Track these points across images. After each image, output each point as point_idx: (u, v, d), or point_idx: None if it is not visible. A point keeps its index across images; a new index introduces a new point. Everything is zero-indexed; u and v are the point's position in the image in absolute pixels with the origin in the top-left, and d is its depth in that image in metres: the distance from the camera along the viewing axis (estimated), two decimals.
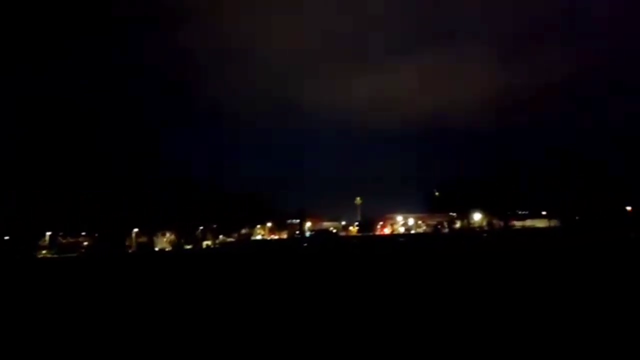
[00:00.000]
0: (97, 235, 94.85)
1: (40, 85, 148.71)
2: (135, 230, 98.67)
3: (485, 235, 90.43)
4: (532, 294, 15.39)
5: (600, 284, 17.13)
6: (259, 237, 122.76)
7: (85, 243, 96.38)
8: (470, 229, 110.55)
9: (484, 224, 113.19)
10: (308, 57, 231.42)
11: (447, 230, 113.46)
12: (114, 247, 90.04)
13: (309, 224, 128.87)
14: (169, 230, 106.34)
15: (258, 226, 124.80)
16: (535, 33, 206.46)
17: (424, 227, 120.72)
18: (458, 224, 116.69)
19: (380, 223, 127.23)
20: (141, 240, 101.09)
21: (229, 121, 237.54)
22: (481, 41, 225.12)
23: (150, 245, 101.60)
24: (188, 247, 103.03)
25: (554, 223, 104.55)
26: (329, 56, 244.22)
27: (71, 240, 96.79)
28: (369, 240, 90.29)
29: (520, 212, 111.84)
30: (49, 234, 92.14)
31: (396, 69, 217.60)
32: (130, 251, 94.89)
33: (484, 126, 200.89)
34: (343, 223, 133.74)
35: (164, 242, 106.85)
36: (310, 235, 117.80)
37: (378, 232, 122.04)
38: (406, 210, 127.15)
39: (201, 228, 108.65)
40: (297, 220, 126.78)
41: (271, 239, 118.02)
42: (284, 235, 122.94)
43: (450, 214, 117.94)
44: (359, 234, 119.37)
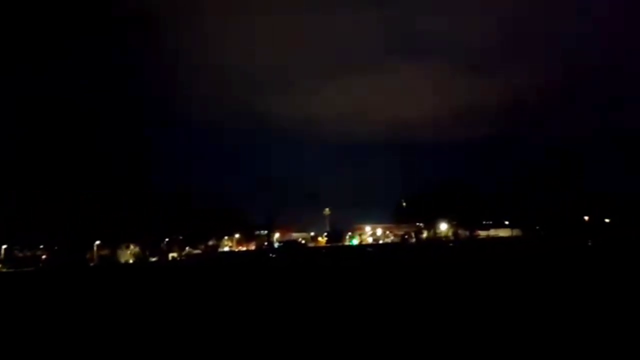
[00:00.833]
0: (55, 248, 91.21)
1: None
2: (97, 242, 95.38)
3: (451, 244, 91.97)
4: (492, 300, 15.66)
5: (559, 289, 17.61)
6: (226, 248, 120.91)
7: (44, 257, 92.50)
8: (436, 239, 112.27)
9: (450, 233, 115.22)
10: (275, 69, 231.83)
11: (414, 240, 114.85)
12: (74, 261, 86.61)
13: (277, 235, 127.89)
14: (133, 242, 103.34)
15: (226, 237, 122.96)
16: (501, 48, 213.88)
17: (392, 237, 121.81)
18: (425, 234, 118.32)
19: (349, 233, 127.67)
20: (103, 253, 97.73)
21: (195, 131, 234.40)
22: (448, 55, 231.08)
23: (113, 258, 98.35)
24: (153, 259, 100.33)
25: (516, 232, 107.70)
26: (296, 68, 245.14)
27: (28, 253, 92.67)
28: (337, 251, 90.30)
29: (484, 222, 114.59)
30: (4, 247, 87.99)
31: (364, 82, 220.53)
32: (91, 264, 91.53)
33: (450, 138, 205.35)
34: (312, 234, 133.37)
35: (127, 254, 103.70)
36: (279, 246, 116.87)
37: (346, 243, 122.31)
38: (374, 221, 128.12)
39: (167, 240, 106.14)
40: (265, 232, 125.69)
41: (239, 251, 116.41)
42: (252, 247, 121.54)
43: (418, 224, 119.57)
44: (328, 245, 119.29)
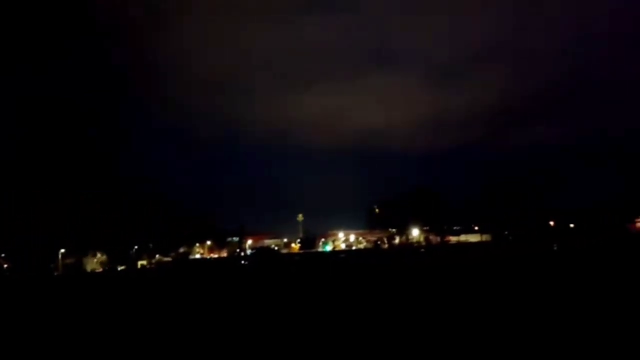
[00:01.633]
0: (18, 256, 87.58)
1: None
2: (62, 250, 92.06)
3: (422, 250, 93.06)
4: (460, 303, 15.85)
5: (526, 293, 17.99)
6: (198, 255, 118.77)
7: (6, 265, 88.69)
8: (408, 245, 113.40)
9: (422, 239, 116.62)
10: (246, 78, 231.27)
11: (386, 246, 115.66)
12: (37, 269, 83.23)
13: (250, 242, 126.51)
14: (100, 250, 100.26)
15: (197, 245, 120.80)
16: (469, 60, 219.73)
17: (365, 243, 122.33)
18: (397, 240, 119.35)
19: (322, 240, 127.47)
20: (68, 261, 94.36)
21: (166, 138, 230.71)
22: (417, 66, 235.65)
23: (79, 266, 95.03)
24: (121, 267, 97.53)
25: (486, 237, 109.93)
26: (268, 77, 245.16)
27: None
28: (310, 257, 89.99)
29: (455, 228, 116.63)
30: None
31: (336, 91, 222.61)
32: (55, 274, 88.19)
33: (421, 146, 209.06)
34: (285, 240, 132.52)
35: (94, 263, 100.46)
36: (251, 253, 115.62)
37: (320, 249, 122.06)
38: (347, 227, 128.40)
39: (136, 247, 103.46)
40: (237, 238, 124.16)
41: (210, 258, 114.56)
42: (224, 254, 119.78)
43: (390, 230, 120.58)
44: (301, 251, 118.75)
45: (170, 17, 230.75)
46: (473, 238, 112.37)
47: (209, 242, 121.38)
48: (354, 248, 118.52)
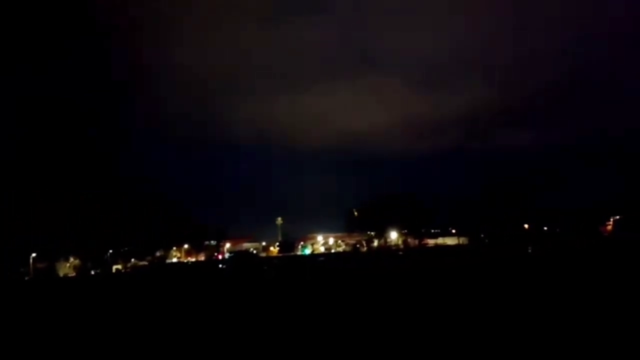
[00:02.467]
0: None
1: None
2: (33, 254, 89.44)
3: (400, 253, 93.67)
4: (437, 306, 15.91)
5: (503, 296, 18.18)
6: (175, 259, 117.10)
7: None
8: (387, 248, 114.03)
9: (400, 242, 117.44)
10: (227, 79, 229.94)
11: (365, 249, 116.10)
12: (6, 274, 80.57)
13: (228, 245, 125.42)
14: (74, 254, 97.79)
15: (174, 248, 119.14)
16: (452, 64, 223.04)
17: (344, 246, 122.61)
18: (376, 243, 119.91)
19: (301, 243, 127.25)
20: (40, 265, 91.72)
21: (144, 138, 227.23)
22: (400, 69, 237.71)
23: (51, 271, 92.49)
24: (95, 272, 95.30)
25: (463, 240, 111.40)
26: (249, 79, 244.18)
27: None
28: (288, 261, 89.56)
29: (432, 231, 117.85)
30: None
31: (316, 94, 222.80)
32: (26, 278, 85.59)
33: (400, 149, 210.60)
34: (263, 244, 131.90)
35: (67, 267, 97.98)
36: (229, 257, 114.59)
37: (299, 252, 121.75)
38: (326, 230, 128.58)
39: (110, 251, 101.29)
40: (215, 242, 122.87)
41: (188, 262, 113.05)
42: (202, 257, 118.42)
43: (369, 233, 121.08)
44: (280, 255, 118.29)
45: (158, 18, 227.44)
46: (450, 241, 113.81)
47: (186, 246, 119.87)
48: (333, 251, 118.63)
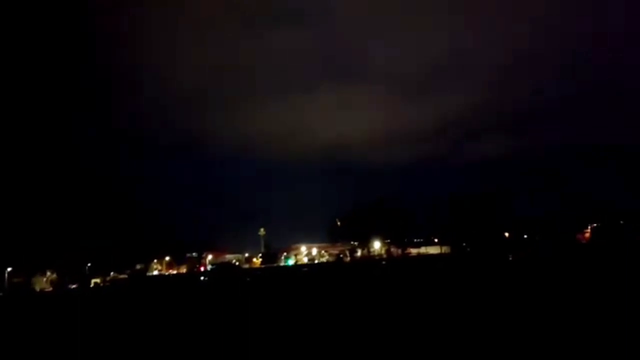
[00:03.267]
0: None
1: None
2: (9, 269, 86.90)
3: (383, 262, 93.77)
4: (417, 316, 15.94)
5: (486, 306, 18.33)
6: (155, 272, 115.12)
7: None
8: (370, 257, 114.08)
9: (383, 251, 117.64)
10: (210, 88, 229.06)
11: (348, 259, 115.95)
12: None
13: (210, 257, 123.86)
14: (51, 268, 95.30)
15: (155, 261, 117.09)
16: (435, 75, 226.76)
17: (327, 257, 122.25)
18: (359, 253, 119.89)
19: (284, 254, 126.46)
20: (16, 280, 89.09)
21: (128, 150, 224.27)
22: (384, 80, 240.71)
23: (28, 286, 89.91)
24: (73, 286, 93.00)
25: (445, 249, 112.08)
26: (232, 89, 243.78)
27: None
28: (271, 273, 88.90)
29: (415, 240, 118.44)
30: None
31: (300, 104, 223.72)
32: (0, 294, 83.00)
33: (383, 159, 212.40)
34: (246, 255, 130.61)
35: (43, 282, 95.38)
36: (211, 269, 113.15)
37: (282, 263, 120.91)
38: (310, 241, 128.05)
39: (89, 265, 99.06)
40: (196, 254, 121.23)
41: (169, 275, 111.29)
42: (184, 270, 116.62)
43: (352, 242, 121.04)
44: (263, 266, 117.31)
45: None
46: (433, 250, 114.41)
47: (167, 258, 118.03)
48: (316, 262, 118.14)
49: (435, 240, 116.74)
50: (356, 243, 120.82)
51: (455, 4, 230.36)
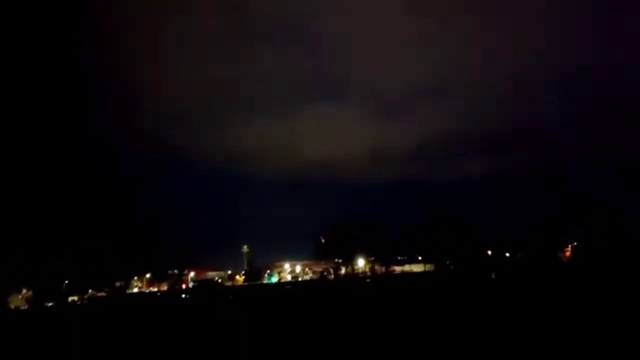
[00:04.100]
0: None
1: None
2: None
3: (367, 280, 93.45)
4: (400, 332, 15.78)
5: (470, 323, 18.26)
6: (135, 289, 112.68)
7: None
8: (354, 275, 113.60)
9: (367, 269, 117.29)
10: (194, 106, 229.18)
11: (332, 276, 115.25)
12: None
13: (192, 274, 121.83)
14: (26, 285, 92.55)
15: (135, 278, 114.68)
16: (416, 94, 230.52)
17: (311, 274, 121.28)
18: (343, 271, 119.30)
19: (268, 271, 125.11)
20: None
21: (111, 164, 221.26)
22: (366, 99, 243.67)
23: (2, 303, 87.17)
24: (49, 304, 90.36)
25: (429, 267, 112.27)
26: (216, 107, 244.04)
27: None
28: (254, 290, 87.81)
29: (399, 258, 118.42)
30: None
31: (283, 122, 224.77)
32: None
33: (367, 177, 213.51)
34: (229, 272, 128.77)
35: (19, 300, 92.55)
36: (193, 287, 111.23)
37: (265, 281, 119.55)
38: (293, 258, 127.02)
39: (66, 282, 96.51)
40: (177, 271, 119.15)
41: (149, 292, 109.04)
42: (165, 288, 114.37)
43: (336, 260, 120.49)
44: (246, 284, 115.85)
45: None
46: (417, 268, 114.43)
47: (148, 275, 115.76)
48: (300, 279, 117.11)
49: (419, 258, 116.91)
50: (340, 261, 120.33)
51: (440, 24, 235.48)
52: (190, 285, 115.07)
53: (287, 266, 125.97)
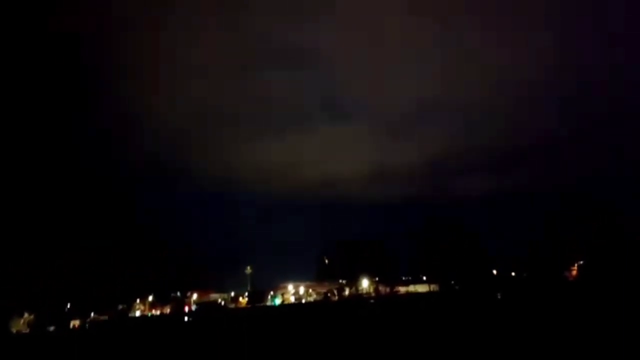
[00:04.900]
0: None
1: None
2: None
3: (372, 301, 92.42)
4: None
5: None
6: (138, 313, 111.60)
7: None
8: (358, 296, 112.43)
9: (372, 290, 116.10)
10: (194, 127, 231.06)
11: (336, 297, 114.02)
12: None
13: (195, 296, 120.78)
14: (28, 309, 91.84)
15: (137, 300, 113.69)
16: (417, 114, 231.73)
17: (315, 296, 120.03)
18: (347, 291, 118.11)
19: (271, 293, 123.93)
20: None
21: (115, 187, 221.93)
22: (367, 118, 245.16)
23: (5, 327, 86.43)
24: (51, 328, 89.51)
25: (434, 287, 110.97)
26: (217, 128, 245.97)
27: None
28: (257, 313, 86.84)
29: (404, 278, 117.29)
30: None
31: (285, 142, 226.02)
32: None
33: (370, 197, 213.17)
34: (232, 294, 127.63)
35: (20, 324, 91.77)
36: (196, 309, 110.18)
37: (269, 303, 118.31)
38: (297, 279, 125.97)
39: (69, 305, 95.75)
40: (179, 293, 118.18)
41: (152, 315, 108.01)
42: (167, 310, 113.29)
43: (340, 281, 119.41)
44: (249, 306, 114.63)
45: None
46: (421, 288, 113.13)
47: (150, 298, 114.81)
48: (303, 301, 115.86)
49: (424, 278, 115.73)
50: (344, 281, 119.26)
51: (441, 43, 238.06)
52: (193, 307, 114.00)
53: (290, 287, 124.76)
